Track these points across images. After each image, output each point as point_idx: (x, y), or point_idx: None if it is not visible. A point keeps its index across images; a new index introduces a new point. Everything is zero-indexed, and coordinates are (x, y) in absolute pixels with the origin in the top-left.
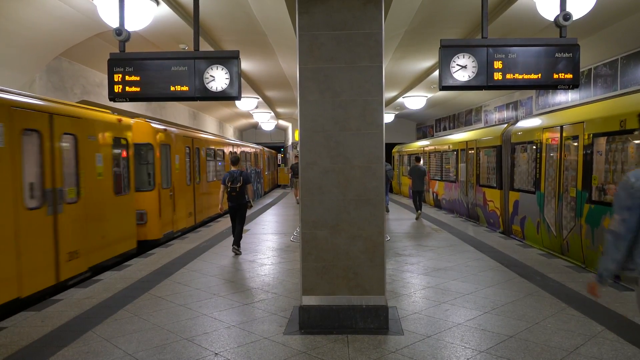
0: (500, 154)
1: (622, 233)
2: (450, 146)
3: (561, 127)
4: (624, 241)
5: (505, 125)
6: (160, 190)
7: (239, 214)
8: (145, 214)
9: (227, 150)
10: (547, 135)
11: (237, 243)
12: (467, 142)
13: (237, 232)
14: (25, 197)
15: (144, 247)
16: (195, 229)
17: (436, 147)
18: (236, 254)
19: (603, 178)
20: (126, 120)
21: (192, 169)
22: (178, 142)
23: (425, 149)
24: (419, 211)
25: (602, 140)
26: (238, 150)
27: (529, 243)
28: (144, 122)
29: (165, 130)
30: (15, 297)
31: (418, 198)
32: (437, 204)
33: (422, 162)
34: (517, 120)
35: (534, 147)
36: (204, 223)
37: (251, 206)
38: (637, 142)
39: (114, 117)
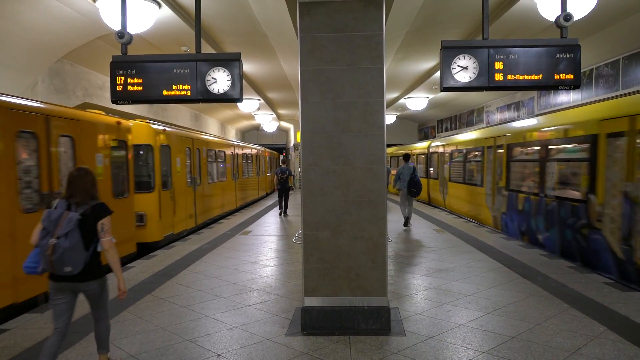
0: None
1: None
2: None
3: None
4: None
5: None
6: (160, 192)
7: (284, 193)
8: (144, 216)
9: (229, 151)
10: None
11: (285, 212)
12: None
13: (284, 205)
14: (20, 200)
15: (144, 249)
16: (196, 230)
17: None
18: (285, 216)
19: None
20: (125, 122)
21: (193, 170)
22: (178, 143)
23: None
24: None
25: None
26: (240, 151)
27: None
28: (143, 123)
29: (164, 131)
30: (11, 303)
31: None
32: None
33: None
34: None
35: None
36: (205, 225)
37: (293, 189)
38: None
39: (112, 119)
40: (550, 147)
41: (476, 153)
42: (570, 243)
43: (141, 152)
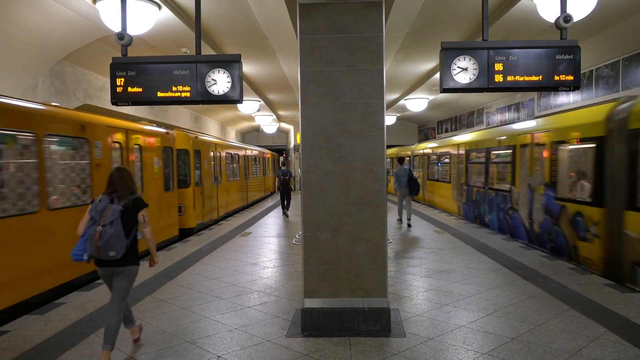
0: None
1: None
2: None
3: None
4: None
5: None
6: (194, 188)
7: (286, 194)
8: (183, 207)
9: (241, 154)
10: None
11: (285, 212)
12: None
13: (286, 205)
14: None
15: (182, 234)
16: (218, 221)
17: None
18: (286, 216)
19: None
20: (171, 132)
21: (216, 170)
22: (206, 147)
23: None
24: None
25: None
26: (250, 153)
27: None
28: (182, 132)
29: (196, 138)
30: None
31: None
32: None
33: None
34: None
35: None
36: (224, 217)
37: (293, 190)
38: None
39: (162, 131)
40: (491, 153)
41: (447, 156)
42: (502, 221)
43: (180, 156)
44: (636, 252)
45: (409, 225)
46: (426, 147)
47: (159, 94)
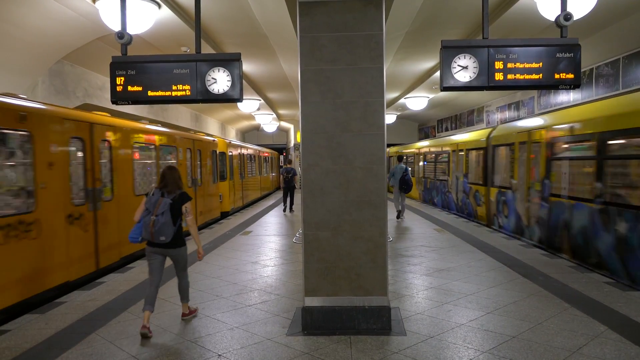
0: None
1: None
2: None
3: None
4: None
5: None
6: (229, 181)
7: (290, 192)
8: (222, 195)
9: (255, 154)
10: None
11: (290, 209)
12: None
13: (290, 202)
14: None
15: (222, 216)
16: (243, 208)
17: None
18: (291, 211)
19: None
20: (216, 139)
21: (242, 168)
22: (236, 150)
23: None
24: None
25: None
26: (260, 154)
27: None
28: (221, 139)
29: (231, 142)
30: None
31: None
32: None
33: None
34: None
35: None
36: (246, 205)
37: (296, 187)
38: None
39: (212, 139)
40: (435, 154)
41: (411, 157)
42: (443, 201)
43: (220, 157)
44: (493, 209)
45: (399, 217)
46: (398, 150)
47: (159, 93)
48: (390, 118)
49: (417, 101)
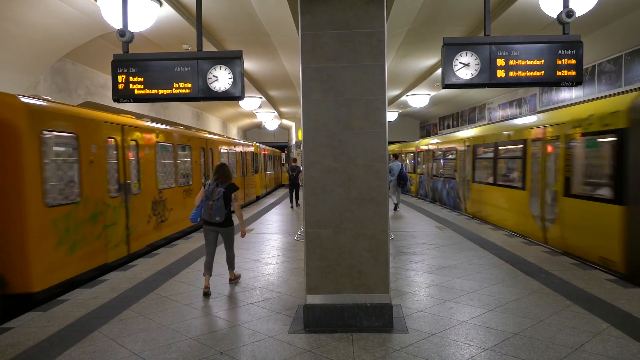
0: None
1: None
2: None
3: None
4: None
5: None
6: (259, 174)
7: (295, 188)
8: (254, 184)
9: (269, 154)
10: None
11: (297, 203)
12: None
13: (295, 197)
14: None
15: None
16: (266, 195)
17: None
18: (297, 206)
19: None
20: (252, 143)
21: (265, 164)
22: (261, 150)
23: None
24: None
25: None
26: (272, 154)
27: None
28: (255, 144)
29: (259, 145)
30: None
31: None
32: None
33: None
34: None
35: None
36: (267, 193)
37: (301, 185)
38: None
39: (250, 143)
40: (416, 155)
41: (410, 155)
42: (427, 193)
43: (257, 156)
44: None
45: (396, 209)
46: (395, 147)
47: (161, 91)
48: (391, 116)
49: (419, 99)
